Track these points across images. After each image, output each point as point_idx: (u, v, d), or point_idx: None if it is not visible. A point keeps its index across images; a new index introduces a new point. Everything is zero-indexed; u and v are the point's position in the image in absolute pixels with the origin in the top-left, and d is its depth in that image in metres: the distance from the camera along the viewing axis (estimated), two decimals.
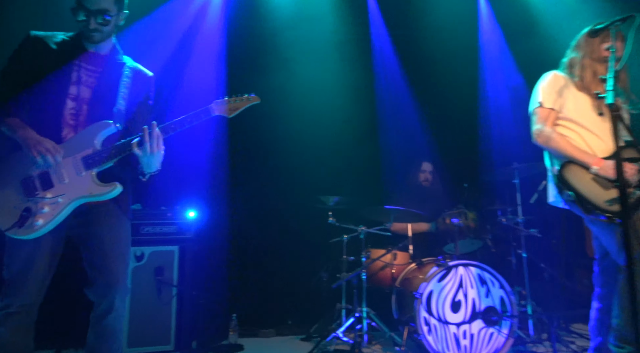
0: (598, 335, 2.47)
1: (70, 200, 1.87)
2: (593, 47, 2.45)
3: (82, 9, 1.92)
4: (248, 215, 4.41)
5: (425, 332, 3.15)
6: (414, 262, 3.75)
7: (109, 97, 2.02)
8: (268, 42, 4.45)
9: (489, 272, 3.30)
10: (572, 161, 2.39)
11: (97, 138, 1.93)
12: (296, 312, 4.42)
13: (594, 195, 2.28)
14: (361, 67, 4.85)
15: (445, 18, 4.53)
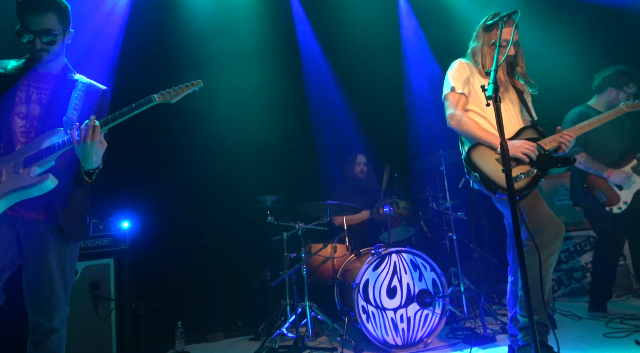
0: (513, 306, 2.67)
1: (1, 196, 1.86)
2: (489, 39, 2.64)
3: (26, 31, 1.97)
4: (185, 221, 4.37)
5: (364, 319, 3.27)
6: (353, 254, 3.86)
7: (60, 109, 2.03)
8: (194, 44, 4.39)
9: (420, 256, 3.46)
10: (479, 144, 2.57)
11: (45, 142, 1.94)
12: (245, 313, 4.43)
13: (497, 175, 2.46)
14: (290, 66, 4.92)
15: (367, 13, 4.66)
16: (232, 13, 4.48)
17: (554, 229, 2.44)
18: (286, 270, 3.84)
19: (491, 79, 1.84)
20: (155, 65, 4.17)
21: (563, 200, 4.91)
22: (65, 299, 2.03)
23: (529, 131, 2.65)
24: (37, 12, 1.95)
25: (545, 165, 2.53)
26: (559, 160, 2.56)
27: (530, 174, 2.49)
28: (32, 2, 1.95)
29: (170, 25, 4.39)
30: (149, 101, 2.05)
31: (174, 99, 2.10)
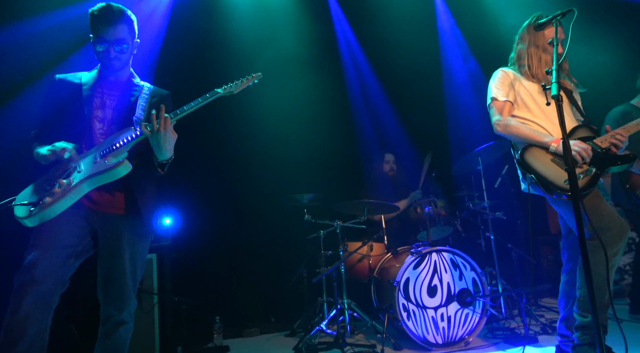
0: (565, 306, 2.66)
1: (81, 180, 1.99)
2: (537, 39, 2.63)
3: (100, 40, 2.12)
4: (224, 218, 4.45)
5: (405, 317, 3.29)
6: (390, 252, 3.88)
7: (130, 111, 2.19)
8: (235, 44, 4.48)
9: (461, 255, 3.46)
10: (530, 145, 2.56)
11: (118, 139, 2.07)
12: (279, 309, 4.50)
13: (554, 175, 2.44)
14: (330, 66, 4.98)
15: (404, 11, 4.68)
16: (272, 18, 4.55)
17: (617, 229, 2.37)
18: (324, 268, 3.90)
19: (553, 78, 1.84)
20: (196, 71, 4.26)
21: None
22: (134, 293, 2.13)
23: (582, 130, 2.62)
24: (111, 24, 2.10)
25: (603, 164, 2.49)
26: (619, 157, 2.52)
27: (589, 173, 2.45)
28: (107, 15, 2.11)
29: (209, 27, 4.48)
30: (214, 94, 2.16)
31: (237, 90, 2.21)
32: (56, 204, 1.93)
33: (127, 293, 2.08)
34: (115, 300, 2.08)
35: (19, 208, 1.94)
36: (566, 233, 2.67)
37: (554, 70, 1.89)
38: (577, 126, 2.65)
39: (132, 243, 2.11)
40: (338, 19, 4.95)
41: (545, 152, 2.54)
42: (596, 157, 2.49)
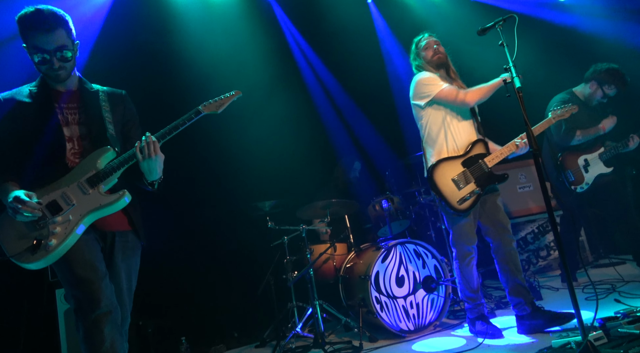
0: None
1: (81, 215, 1.89)
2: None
3: (38, 51, 1.91)
4: (183, 232, 4.31)
5: (378, 309, 3.44)
6: (353, 251, 4.04)
7: (98, 125, 2.03)
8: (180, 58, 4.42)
9: (422, 245, 3.72)
10: (439, 163, 3.06)
11: (99, 161, 1.97)
12: (246, 321, 4.43)
13: (450, 195, 3.01)
14: (286, 73, 5.10)
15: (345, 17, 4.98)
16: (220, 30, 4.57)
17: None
18: (291, 273, 3.94)
19: (514, 73, 2.12)
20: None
21: (524, 187, 5.44)
22: (130, 310, 2.05)
23: (478, 146, 3.12)
24: (47, 31, 1.88)
25: (485, 183, 3.04)
26: (496, 177, 3.08)
27: (476, 193, 2.98)
28: (40, 21, 1.88)
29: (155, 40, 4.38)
30: (197, 113, 2.12)
31: (219, 109, 2.18)
32: (62, 245, 1.84)
33: (125, 311, 2.02)
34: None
35: (18, 257, 1.82)
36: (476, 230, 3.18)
37: (511, 66, 2.16)
38: (476, 140, 3.14)
39: (126, 259, 2.05)
40: (287, 27, 5.11)
41: (449, 169, 3.03)
42: (482, 177, 3.02)
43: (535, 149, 2.07)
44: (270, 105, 4.71)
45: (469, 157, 3.07)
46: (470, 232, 3.06)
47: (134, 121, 2.22)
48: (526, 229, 5.31)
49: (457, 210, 2.97)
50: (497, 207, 3.13)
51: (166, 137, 2.03)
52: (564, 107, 3.24)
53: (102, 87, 2.19)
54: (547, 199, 2.03)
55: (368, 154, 5.06)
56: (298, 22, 5.14)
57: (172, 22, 4.40)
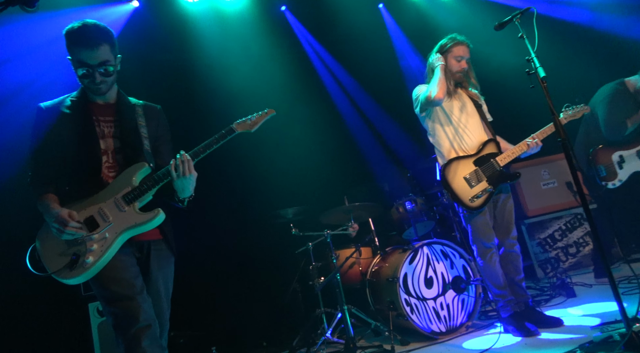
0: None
1: (117, 233, 1.92)
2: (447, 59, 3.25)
3: (82, 64, 1.96)
4: (209, 245, 4.34)
5: (409, 312, 3.40)
6: (379, 254, 4.01)
7: (134, 140, 2.08)
8: (198, 74, 4.51)
9: (449, 245, 3.68)
10: (451, 161, 3.11)
11: (135, 177, 2.00)
12: (273, 330, 4.42)
13: (462, 192, 3.06)
14: (306, 80, 5.17)
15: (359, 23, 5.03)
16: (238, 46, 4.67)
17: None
18: (317, 279, 3.92)
19: (537, 63, 2.10)
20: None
21: (548, 184, 5.34)
22: (168, 316, 2.07)
23: (489, 146, 3.16)
24: (92, 46, 1.93)
25: (497, 182, 3.07)
26: (508, 176, 3.11)
27: (488, 191, 3.02)
28: (85, 36, 1.93)
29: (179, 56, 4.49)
30: (230, 132, 2.15)
31: (253, 127, 2.22)
32: (100, 261, 1.87)
33: (164, 317, 2.05)
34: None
35: (57, 274, 1.86)
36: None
37: (534, 57, 2.15)
38: (487, 141, 3.18)
39: (162, 267, 2.08)
40: (302, 35, 5.19)
41: (461, 168, 3.07)
42: (494, 176, 3.06)
43: (563, 137, 2.04)
44: (289, 112, 4.75)
45: (480, 156, 3.13)
46: (487, 229, 3.11)
47: (165, 137, 2.25)
48: (553, 226, 5.20)
49: (469, 208, 3.03)
50: (506, 209, 3.21)
51: (199, 156, 2.06)
52: (575, 108, 3.23)
53: (138, 101, 2.23)
54: (579, 189, 1.99)
55: (394, 155, 5.06)
56: (312, 29, 5.21)
57: (187, 38, 4.49)
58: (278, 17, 5.02)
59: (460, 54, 3.19)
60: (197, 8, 4.42)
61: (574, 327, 2.91)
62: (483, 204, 3.04)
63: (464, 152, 3.16)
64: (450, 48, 3.21)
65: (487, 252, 3.13)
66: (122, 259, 1.93)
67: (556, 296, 3.89)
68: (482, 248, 3.15)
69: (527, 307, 3.12)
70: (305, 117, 4.96)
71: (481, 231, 3.11)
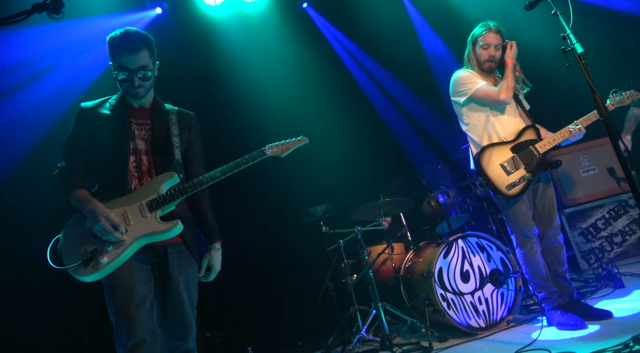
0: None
1: (134, 238, 1.95)
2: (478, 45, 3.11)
3: (122, 68, 2.05)
4: (240, 245, 4.35)
5: (445, 307, 3.30)
6: (412, 249, 3.92)
7: (165, 145, 2.13)
8: (223, 79, 4.54)
9: (485, 237, 3.55)
10: (486, 148, 2.98)
11: (163, 186, 2.05)
12: (308, 330, 4.40)
13: (498, 180, 2.91)
14: (334, 77, 5.12)
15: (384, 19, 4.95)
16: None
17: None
18: (350, 277, 3.87)
19: (574, 39, 1.99)
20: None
21: (588, 171, 5.10)
22: (194, 319, 2.09)
23: (528, 132, 3.02)
24: (132, 51, 2.01)
25: (536, 169, 2.93)
26: (548, 164, 2.96)
27: (526, 178, 2.87)
28: (127, 42, 2.02)
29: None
30: (261, 154, 2.18)
31: (284, 153, 2.23)
32: (113, 263, 1.90)
33: (188, 319, 2.04)
34: (179, 329, 2.03)
35: (72, 269, 1.89)
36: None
37: (569, 34, 2.03)
38: (525, 127, 3.04)
39: (183, 269, 2.07)
40: (328, 31, 5.17)
41: (497, 155, 2.94)
42: (532, 163, 2.92)
43: (606, 117, 1.91)
44: (317, 109, 4.73)
45: (518, 142, 3.00)
46: (526, 218, 2.98)
47: (198, 143, 2.31)
48: (595, 215, 4.96)
49: (506, 196, 2.89)
50: (546, 198, 3.07)
51: (227, 174, 2.10)
52: (623, 94, 3.04)
53: (173, 107, 2.29)
54: (628, 173, 1.86)
55: (428, 146, 4.96)
56: (336, 22, 5.16)
57: (211, 43, 4.52)
58: (300, 14, 5.00)
59: (487, 41, 3.05)
60: (219, 12, 4.45)
61: (624, 318, 2.74)
62: (521, 192, 2.91)
63: (499, 139, 3.03)
64: (478, 37, 3.10)
65: (528, 242, 2.99)
66: (132, 266, 1.95)
67: (602, 287, 3.69)
68: (521, 238, 3.02)
69: (572, 300, 2.97)
70: (334, 113, 4.91)
71: (520, 220, 2.98)
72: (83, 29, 3.43)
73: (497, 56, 3.10)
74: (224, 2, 4.41)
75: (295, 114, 4.64)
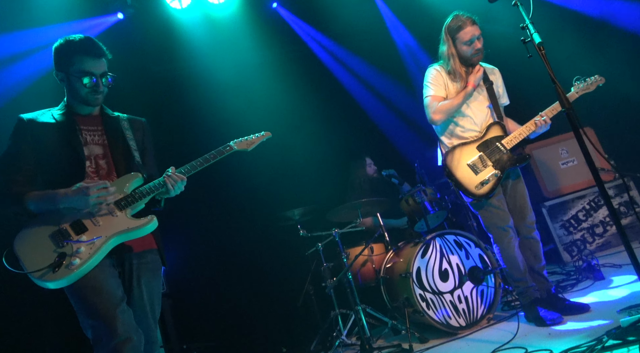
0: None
1: (107, 238, 1.89)
2: (455, 40, 2.96)
3: (87, 74, 2.02)
4: (216, 251, 4.29)
5: (425, 307, 3.25)
6: (391, 250, 3.86)
7: (123, 149, 2.11)
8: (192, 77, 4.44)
9: (462, 235, 3.51)
10: (453, 148, 2.94)
11: (128, 186, 2.03)
12: (290, 335, 4.32)
13: (468, 180, 2.87)
14: (299, 72, 5.05)
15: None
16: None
17: None
18: (330, 280, 3.80)
19: (532, 29, 1.94)
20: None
21: (567, 162, 5.08)
22: (157, 333, 2.00)
23: (494, 129, 2.97)
24: (97, 56, 2.05)
25: (505, 166, 2.88)
26: (517, 159, 2.91)
27: (495, 176, 2.83)
28: (94, 47, 2.05)
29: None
30: (228, 149, 2.23)
31: (250, 147, 2.32)
32: (85, 265, 1.81)
33: (152, 335, 1.98)
34: (144, 344, 1.93)
35: (38, 274, 1.76)
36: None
37: (528, 24, 1.99)
38: (491, 124, 2.98)
39: (147, 282, 2.02)
40: (300, 28, 5.09)
41: (464, 155, 2.90)
42: (501, 160, 2.87)
43: (568, 107, 1.87)
44: (291, 110, 4.66)
45: (484, 140, 2.94)
46: (501, 211, 2.93)
47: (150, 148, 2.30)
48: (576, 206, 4.94)
49: (476, 196, 2.85)
50: (517, 193, 3.03)
51: (197, 169, 2.12)
52: (587, 80, 2.97)
53: (123, 115, 2.26)
54: (592, 167, 1.81)
55: (396, 147, 4.88)
56: (308, 19, 5.10)
57: (178, 47, 4.44)
58: (271, 14, 4.92)
59: (469, 37, 2.87)
60: (185, 15, 4.36)
61: (601, 311, 2.71)
62: (491, 191, 2.86)
63: (466, 139, 2.97)
64: (456, 34, 2.91)
65: (504, 236, 2.94)
66: (103, 268, 1.87)
67: (583, 280, 3.67)
68: (497, 233, 2.97)
69: (550, 294, 2.93)
70: (310, 114, 4.84)
71: (494, 215, 2.94)
72: (38, 39, 3.33)
73: (482, 46, 2.94)
74: (190, 5, 4.32)
75: (269, 116, 4.56)
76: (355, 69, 5.27)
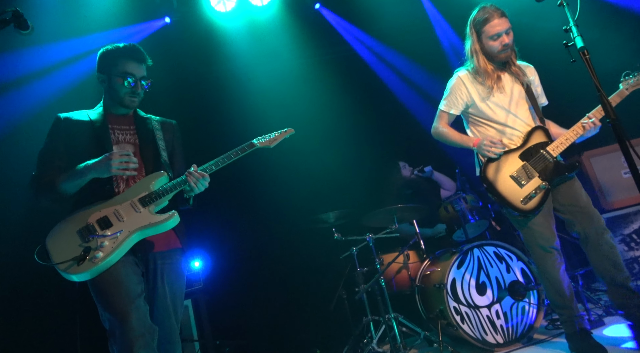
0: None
1: (130, 232, 1.95)
2: (482, 37, 2.70)
3: (127, 75, 2.14)
4: (253, 252, 4.35)
5: (459, 321, 3.11)
6: (428, 258, 3.73)
7: (152, 148, 2.19)
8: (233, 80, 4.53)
9: (503, 247, 3.31)
10: (491, 160, 2.65)
11: (153, 184, 2.08)
12: (323, 338, 4.30)
13: (511, 194, 2.57)
14: (344, 73, 5.03)
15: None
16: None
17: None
18: (363, 286, 3.73)
19: (575, 33, 1.78)
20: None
21: (629, 171, 4.65)
22: (179, 334, 2.05)
23: (536, 135, 2.66)
24: (140, 61, 2.18)
25: (552, 176, 2.56)
26: (565, 168, 2.58)
27: (543, 188, 2.53)
28: (136, 52, 2.18)
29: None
30: (251, 146, 2.26)
31: (272, 144, 2.33)
32: (108, 259, 1.87)
33: (174, 335, 2.01)
34: (165, 343, 1.98)
35: (64, 266, 1.85)
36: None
37: (572, 26, 1.82)
38: (533, 129, 2.68)
39: (170, 281, 2.06)
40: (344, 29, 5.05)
41: (506, 165, 2.61)
42: (547, 169, 2.57)
43: (613, 118, 1.69)
44: (325, 112, 4.62)
45: (527, 148, 2.62)
46: (545, 230, 2.57)
47: (179, 149, 2.37)
48: (639, 221, 4.53)
49: (523, 211, 2.52)
50: (574, 192, 2.60)
51: (219, 166, 2.15)
52: (638, 75, 2.60)
53: (153, 116, 2.35)
54: (637, 181, 1.63)
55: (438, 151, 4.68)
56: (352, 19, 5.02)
57: (222, 50, 4.52)
58: (313, 15, 4.90)
59: (495, 30, 2.59)
60: (230, 18, 4.43)
61: None
62: (539, 205, 2.52)
63: (506, 146, 2.64)
64: (482, 27, 2.64)
65: (548, 257, 2.59)
66: (125, 264, 1.93)
67: None
68: (539, 254, 2.62)
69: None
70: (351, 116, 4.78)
71: (537, 234, 2.58)
72: (87, 45, 3.53)
73: (511, 41, 2.65)
74: (234, 9, 4.39)
75: (309, 118, 4.54)
76: (399, 68, 5.12)
